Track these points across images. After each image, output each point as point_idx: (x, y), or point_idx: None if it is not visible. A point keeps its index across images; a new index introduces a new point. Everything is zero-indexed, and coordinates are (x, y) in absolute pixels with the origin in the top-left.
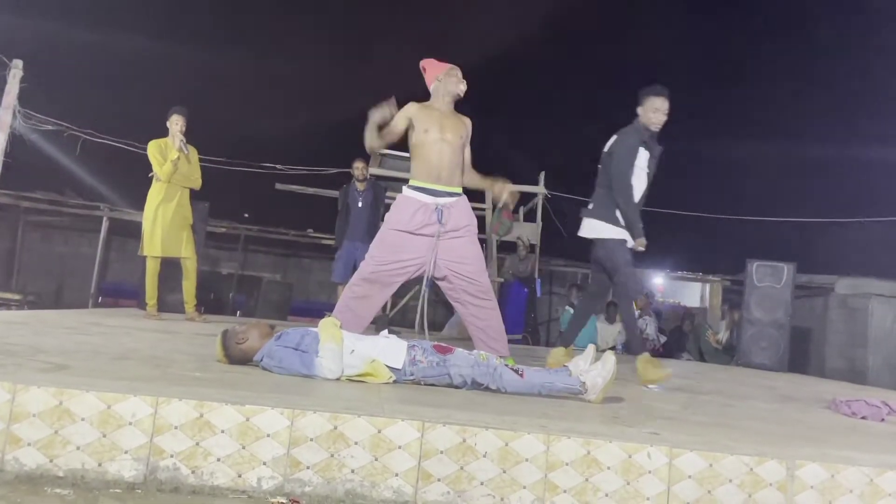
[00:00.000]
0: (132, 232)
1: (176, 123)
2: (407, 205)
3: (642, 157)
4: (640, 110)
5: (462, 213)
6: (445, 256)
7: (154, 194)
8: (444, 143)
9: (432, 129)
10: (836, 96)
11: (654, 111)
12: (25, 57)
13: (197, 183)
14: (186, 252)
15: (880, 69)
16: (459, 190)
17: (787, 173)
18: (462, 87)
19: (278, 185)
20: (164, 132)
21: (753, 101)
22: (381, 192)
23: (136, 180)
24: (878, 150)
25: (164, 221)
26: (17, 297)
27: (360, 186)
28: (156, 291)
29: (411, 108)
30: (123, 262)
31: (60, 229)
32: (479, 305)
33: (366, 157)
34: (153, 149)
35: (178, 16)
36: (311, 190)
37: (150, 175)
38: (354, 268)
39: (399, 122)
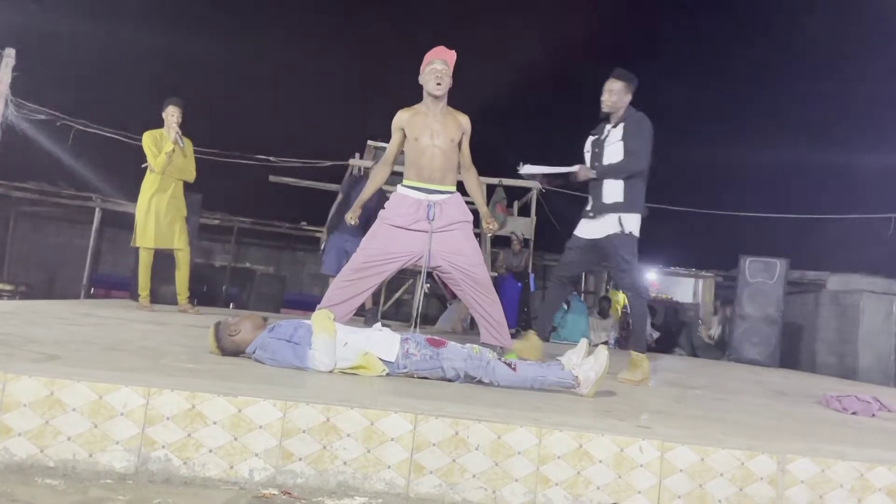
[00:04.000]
0: (125, 223)
1: (172, 115)
2: (400, 201)
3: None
4: None
5: (455, 208)
6: (441, 248)
7: (148, 185)
8: (434, 147)
9: (422, 136)
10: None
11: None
12: (18, 45)
13: (191, 175)
14: (180, 243)
15: (876, 72)
16: (453, 188)
17: (780, 170)
18: (438, 90)
19: (272, 178)
20: (158, 123)
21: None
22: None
23: (129, 171)
24: (872, 148)
25: (158, 213)
26: (8, 287)
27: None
28: (148, 283)
29: (401, 118)
30: (116, 253)
31: (53, 220)
32: (478, 295)
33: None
34: (148, 140)
35: (172, 6)
36: (305, 182)
37: (143, 166)
38: (347, 258)
39: (395, 139)
